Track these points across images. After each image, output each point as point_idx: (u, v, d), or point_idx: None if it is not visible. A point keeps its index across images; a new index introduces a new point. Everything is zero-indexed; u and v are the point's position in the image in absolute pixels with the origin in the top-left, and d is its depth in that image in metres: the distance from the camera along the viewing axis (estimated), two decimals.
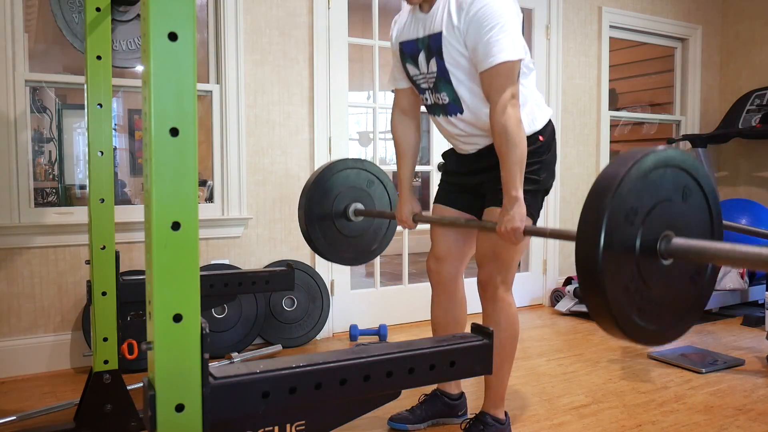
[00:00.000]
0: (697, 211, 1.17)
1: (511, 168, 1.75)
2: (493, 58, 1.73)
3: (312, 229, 2.25)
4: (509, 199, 1.76)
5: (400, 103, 2.11)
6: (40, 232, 2.72)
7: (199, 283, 1.01)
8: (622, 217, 1.06)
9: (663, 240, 1.11)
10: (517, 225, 1.73)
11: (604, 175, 1.08)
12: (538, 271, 4.21)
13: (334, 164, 2.29)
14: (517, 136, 1.74)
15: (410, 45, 1.94)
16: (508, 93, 1.74)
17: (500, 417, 2.05)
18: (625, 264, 1.08)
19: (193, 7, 0.98)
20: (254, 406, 1.15)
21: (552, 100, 4.10)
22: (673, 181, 1.13)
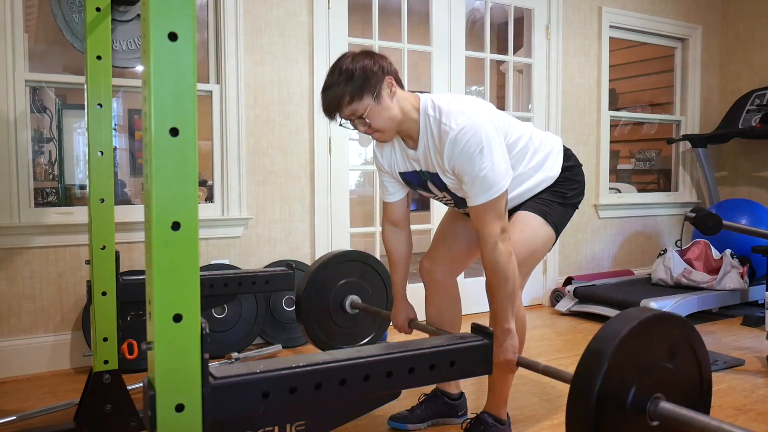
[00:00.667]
0: (686, 369, 1.29)
1: (503, 302, 1.76)
2: (478, 198, 1.72)
3: (311, 329, 2.35)
4: (502, 331, 1.77)
5: (391, 216, 2.07)
6: (40, 232, 2.72)
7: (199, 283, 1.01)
8: (613, 388, 1.15)
9: (652, 402, 1.21)
10: (510, 357, 1.77)
11: (592, 351, 1.17)
12: (538, 271, 4.21)
13: (335, 256, 2.41)
14: (508, 270, 1.74)
15: (414, 176, 1.93)
16: (497, 228, 1.73)
17: (502, 417, 2.04)
18: (615, 420, 1.16)
19: (193, 7, 0.98)
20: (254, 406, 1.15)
21: (552, 100, 4.10)
22: (661, 343, 1.23)
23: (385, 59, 1.77)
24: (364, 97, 1.70)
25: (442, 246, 2.15)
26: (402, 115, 1.78)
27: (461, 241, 2.12)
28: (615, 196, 4.68)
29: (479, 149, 1.68)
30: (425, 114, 1.78)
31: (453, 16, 3.74)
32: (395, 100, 1.76)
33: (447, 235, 2.16)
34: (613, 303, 3.66)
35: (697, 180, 4.94)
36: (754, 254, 3.75)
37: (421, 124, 1.79)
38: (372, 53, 1.76)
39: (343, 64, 1.71)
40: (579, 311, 3.86)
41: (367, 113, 1.72)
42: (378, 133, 1.78)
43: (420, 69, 4.15)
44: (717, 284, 3.74)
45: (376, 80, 1.71)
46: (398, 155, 1.93)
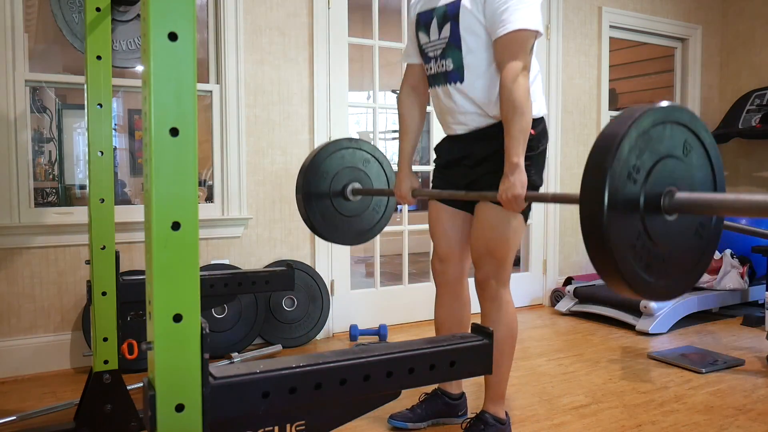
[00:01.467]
0: (698, 166, 1.18)
1: (515, 135, 1.77)
2: (510, 24, 1.75)
3: (311, 210, 2.24)
4: (510, 165, 1.77)
5: (410, 79, 2.13)
6: (40, 232, 2.72)
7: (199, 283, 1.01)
8: (625, 176, 1.06)
9: (666, 196, 1.11)
10: (518, 192, 1.75)
11: (604, 136, 1.08)
12: (538, 271, 4.21)
13: (328, 145, 2.28)
14: (525, 105, 1.76)
15: (426, 14, 1.98)
16: (520, 63, 1.76)
17: (501, 416, 2.05)
18: (630, 222, 1.09)
19: (193, 7, 0.98)
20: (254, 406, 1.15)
21: (552, 100, 4.10)
22: (674, 136, 1.13)
23: None
24: None
25: (445, 240, 2.14)
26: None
27: (455, 238, 2.12)
28: None
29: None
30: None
31: None
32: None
33: (444, 230, 2.13)
34: (613, 303, 3.66)
35: None
36: (754, 254, 3.75)
37: None
38: None
39: None
40: (579, 311, 3.86)
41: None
42: None
43: None
44: (717, 284, 3.74)
45: None
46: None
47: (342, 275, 3.45)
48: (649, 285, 1.12)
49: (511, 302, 2.02)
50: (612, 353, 3.08)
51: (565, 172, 4.19)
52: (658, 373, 2.77)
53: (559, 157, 4.17)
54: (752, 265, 3.94)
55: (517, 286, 4.06)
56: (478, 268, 1.99)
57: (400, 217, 3.77)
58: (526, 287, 4.15)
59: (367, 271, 5.20)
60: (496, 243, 1.93)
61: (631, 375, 2.74)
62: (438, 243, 2.15)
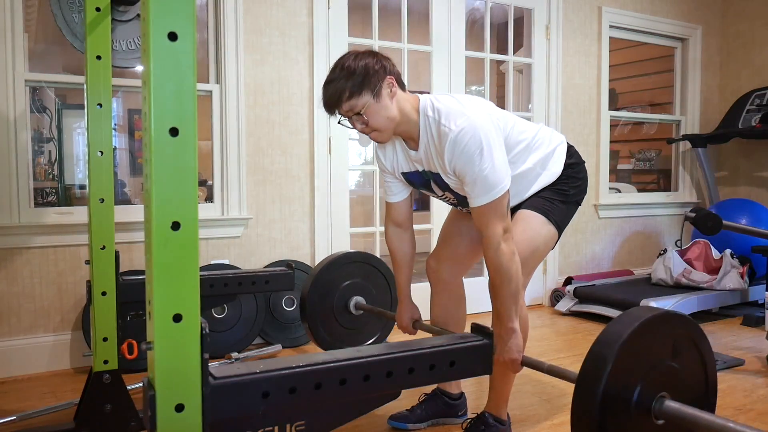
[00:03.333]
0: (689, 365, 1.30)
1: (505, 302, 1.77)
2: (479, 199, 1.72)
3: (315, 328, 2.34)
4: (506, 331, 1.77)
5: (394, 217, 2.06)
6: (40, 232, 2.72)
7: (199, 283, 1.01)
8: (616, 396, 1.15)
9: (657, 402, 1.20)
10: (514, 357, 1.77)
11: (593, 357, 1.18)
12: (538, 271, 4.21)
13: (337, 259, 2.41)
14: (511, 270, 1.75)
15: (417, 176, 1.93)
16: (499, 228, 1.73)
17: (502, 417, 2.05)
18: (620, 421, 1.17)
19: (193, 7, 0.98)
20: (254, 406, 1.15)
21: (552, 100, 4.10)
22: (663, 342, 1.24)
23: (389, 60, 1.77)
24: (363, 93, 1.70)
25: (448, 245, 2.15)
26: (401, 116, 1.78)
27: (466, 240, 2.12)
28: (615, 196, 4.68)
29: (479, 150, 1.68)
30: (425, 115, 1.78)
31: (453, 16, 3.74)
32: (395, 101, 1.76)
33: (452, 234, 2.16)
34: (613, 303, 3.66)
35: (697, 180, 4.94)
36: (754, 254, 3.75)
37: (421, 125, 1.79)
38: (376, 53, 1.76)
39: (346, 61, 1.72)
40: (579, 311, 3.86)
41: (365, 110, 1.71)
42: (375, 132, 1.78)
43: (420, 69, 4.16)
44: (717, 284, 3.74)
45: (377, 78, 1.71)
46: (400, 156, 1.93)
47: None
48: None
49: (524, 306, 2.02)
50: None
51: None
52: None
53: None
54: (752, 265, 3.94)
55: None
56: None
57: None
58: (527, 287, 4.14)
59: None
60: (523, 243, 1.90)
61: None
62: (445, 244, 2.15)
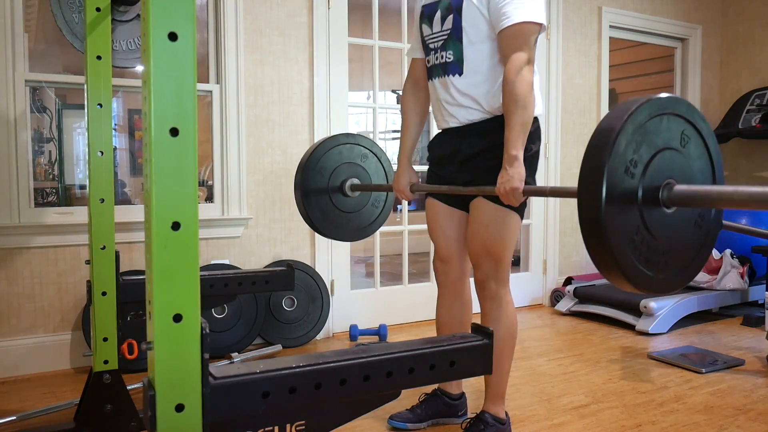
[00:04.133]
0: (696, 157, 1.18)
1: (515, 128, 1.77)
2: (514, 17, 1.76)
3: (309, 206, 2.24)
4: (509, 158, 1.77)
5: (414, 73, 2.14)
6: (40, 232, 2.72)
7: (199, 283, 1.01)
8: (622, 171, 1.06)
9: (665, 188, 1.11)
10: (516, 185, 1.74)
11: (600, 130, 1.08)
12: (538, 271, 4.21)
13: (326, 141, 2.29)
14: (527, 98, 1.76)
15: (430, 6, 1.98)
16: (524, 55, 1.77)
17: (501, 416, 2.05)
18: (629, 215, 1.08)
19: (193, 7, 0.98)
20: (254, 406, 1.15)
21: (552, 100, 4.10)
22: (671, 128, 1.13)
23: None
24: None
25: (449, 245, 2.13)
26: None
27: (458, 233, 2.11)
28: None
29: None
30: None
31: None
32: None
33: (444, 231, 2.13)
34: (613, 303, 3.66)
35: None
36: (754, 254, 3.75)
37: None
38: None
39: None
40: (579, 311, 3.86)
41: None
42: None
43: None
44: (717, 284, 3.74)
45: None
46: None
47: (342, 275, 3.44)
48: (649, 278, 1.11)
49: (511, 302, 2.02)
50: (612, 353, 3.08)
51: (565, 172, 4.19)
52: (658, 373, 2.77)
53: (559, 157, 4.17)
54: (752, 265, 3.94)
55: (517, 286, 4.06)
56: (477, 267, 1.99)
57: (400, 217, 3.77)
58: (526, 287, 4.15)
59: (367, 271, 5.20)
60: (493, 242, 1.93)
61: (631, 375, 2.74)
62: (437, 243, 2.15)
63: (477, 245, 1.97)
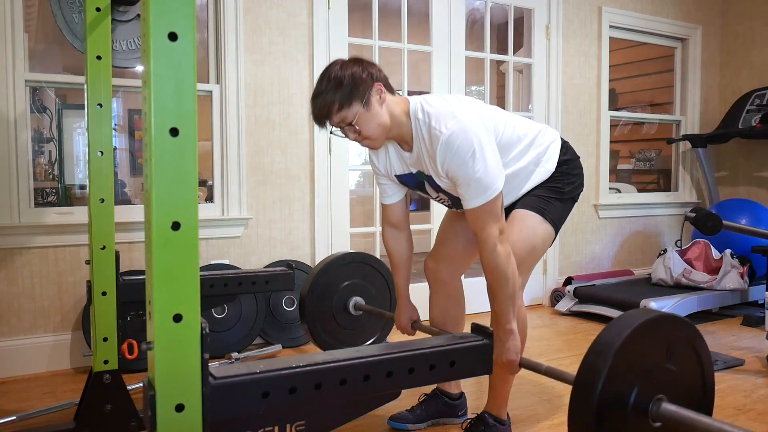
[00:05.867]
0: (684, 365, 1.27)
1: (503, 303, 1.76)
2: (474, 201, 1.72)
3: (315, 329, 2.34)
4: (504, 332, 1.76)
5: (390, 218, 2.06)
6: (40, 232, 2.72)
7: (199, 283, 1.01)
8: (612, 402, 1.17)
9: (655, 404, 1.20)
10: (512, 358, 1.76)
11: (588, 367, 1.19)
12: (538, 271, 4.21)
13: (336, 260, 2.40)
14: (508, 271, 1.74)
15: (410, 178, 1.93)
16: (495, 230, 1.73)
17: (502, 417, 2.05)
18: (619, 425, 1.17)
19: (193, 7, 0.98)
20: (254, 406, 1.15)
21: (552, 100, 4.10)
22: (655, 344, 1.22)
23: (375, 66, 1.77)
24: (353, 104, 1.70)
25: (445, 246, 2.15)
26: (392, 121, 1.77)
27: (463, 240, 2.13)
28: (615, 196, 4.68)
29: (471, 152, 1.67)
30: (415, 118, 1.78)
31: (453, 16, 3.74)
32: (385, 107, 1.75)
33: (449, 234, 2.16)
34: (613, 303, 3.66)
35: (697, 180, 4.94)
36: (754, 254, 3.75)
37: (413, 127, 1.79)
38: (361, 60, 1.76)
39: (332, 71, 1.71)
40: (579, 311, 3.86)
41: (356, 120, 1.71)
42: (368, 140, 1.78)
43: (420, 69, 4.15)
44: (717, 284, 3.74)
45: (365, 87, 1.71)
46: (393, 158, 1.93)
47: None
48: None
49: (523, 306, 2.02)
50: None
51: None
52: None
53: None
54: (752, 265, 3.94)
55: None
56: None
57: None
58: (526, 287, 4.13)
59: None
60: (520, 243, 1.90)
61: None
62: (443, 243, 2.15)
63: None
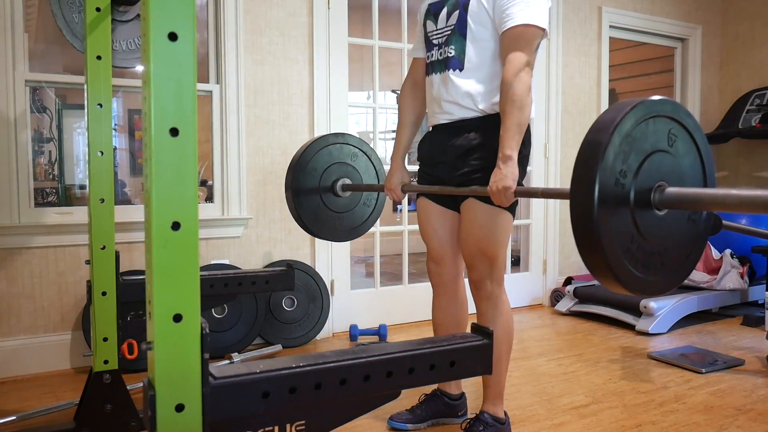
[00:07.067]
0: (685, 153, 1.18)
1: (511, 127, 1.77)
2: (518, 18, 1.78)
3: (301, 207, 2.24)
4: (503, 157, 1.76)
5: (414, 73, 2.14)
6: (40, 232, 2.72)
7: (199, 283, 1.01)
8: (612, 183, 1.07)
9: (656, 191, 1.11)
10: (508, 184, 1.74)
11: (588, 143, 1.08)
12: (538, 271, 4.21)
13: (315, 141, 2.28)
14: (524, 100, 1.76)
15: (437, 4, 2.00)
16: (524, 58, 1.77)
17: (500, 416, 2.05)
18: (621, 221, 1.09)
19: (193, 7, 0.98)
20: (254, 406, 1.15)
21: (552, 100, 4.10)
22: (657, 130, 1.13)
23: None
24: None
25: (442, 245, 2.13)
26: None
27: (449, 233, 2.11)
28: None
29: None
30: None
31: None
32: None
33: (435, 232, 2.13)
34: (613, 303, 3.66)
35: None
36: (754, 254, 3.75)
37: None
38: None
39: None
40: (579, 311, 3.86)
41: None
42: None
43: None
44: (717, 284, 3.74)
45: None
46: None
47: (342, 275, 3.44)
48: (642, 281, 1.12)
49: (506, 301, 2.02)
50: (612, 353, 3.08)
51: (565, 172, 4.19)
52: (658, 373, 2.77)
53: (558, 157, 4.17)
54: (752, 265, 3.94)
55: (517, 286, 4.06)
56: (471, 268, 1.99)
57: (400, 217, 3.77)
58: (526, 287, 4.15)
59: (367, 271, 5.20)
60: (487, 242, 1.93)
61: (631, 375, 2.74)
62: (429, 243, 2.15)
63: (471, 246, 1.97)
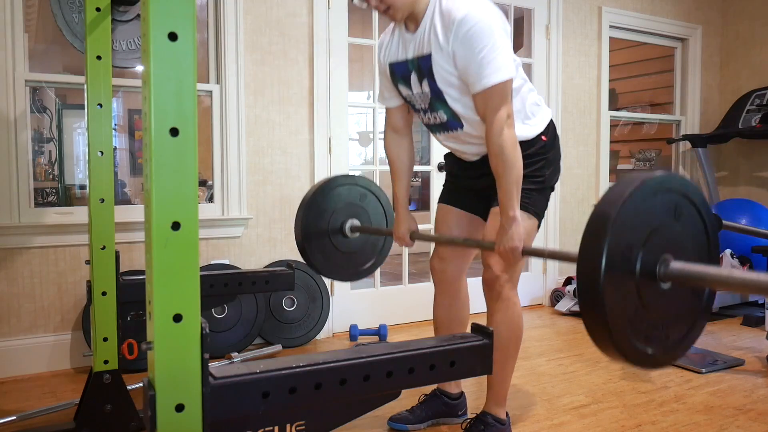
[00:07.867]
0: (692, 228, 1.20)
1: (508, 188, 1.76)
2: (485, 80, 1.72)
3: (309, 247, 2.26)
4: (507, 219, 1.76)
5: (392, 122, 2.09)
6: (40, 232, 2.72)
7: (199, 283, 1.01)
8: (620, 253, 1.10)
9: (662, 264, 1.14)
10: (515, 245, 1.74)
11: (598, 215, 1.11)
12: (538, 271, 4.21)
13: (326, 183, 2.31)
14: (514, 156, 1.74)
15: (401, 66, 1.93)
16: (503, 113, 1.73)
17: (501, 417, 2.05)
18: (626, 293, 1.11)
19: (193, 7, 0.98)
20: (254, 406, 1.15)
21: (552, 100, 4.10)
22: (664, 203, 1.15)
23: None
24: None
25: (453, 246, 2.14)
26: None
27: (461, 232, 2.12)
28: None
29: (489, 30, 1.69)
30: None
31: None
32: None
33: (443, 231, 2.16)
34: None
35: (697, 180, 4.94)
36: (754, 254, 3.75)
37: (430, 4, 1.81)
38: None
39: None
40: (579, 311, 3.85)
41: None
42: (391, 9, 1.81)
43: None
44: None
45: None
46: (394, 43, 1.95)
47: None
48: (642, 354, 1.14)
49: (518, 303, 2.02)
50: None
51: (565, 172, 4.19)
52: (658, 373, 2.77)
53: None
54: (752, 265, 3.94)
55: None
56: (488, 267, 1.98)
57: None
58: (526, 287, 4.15)
59: None
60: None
61: (631, 375, 2.74)
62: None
63: None
